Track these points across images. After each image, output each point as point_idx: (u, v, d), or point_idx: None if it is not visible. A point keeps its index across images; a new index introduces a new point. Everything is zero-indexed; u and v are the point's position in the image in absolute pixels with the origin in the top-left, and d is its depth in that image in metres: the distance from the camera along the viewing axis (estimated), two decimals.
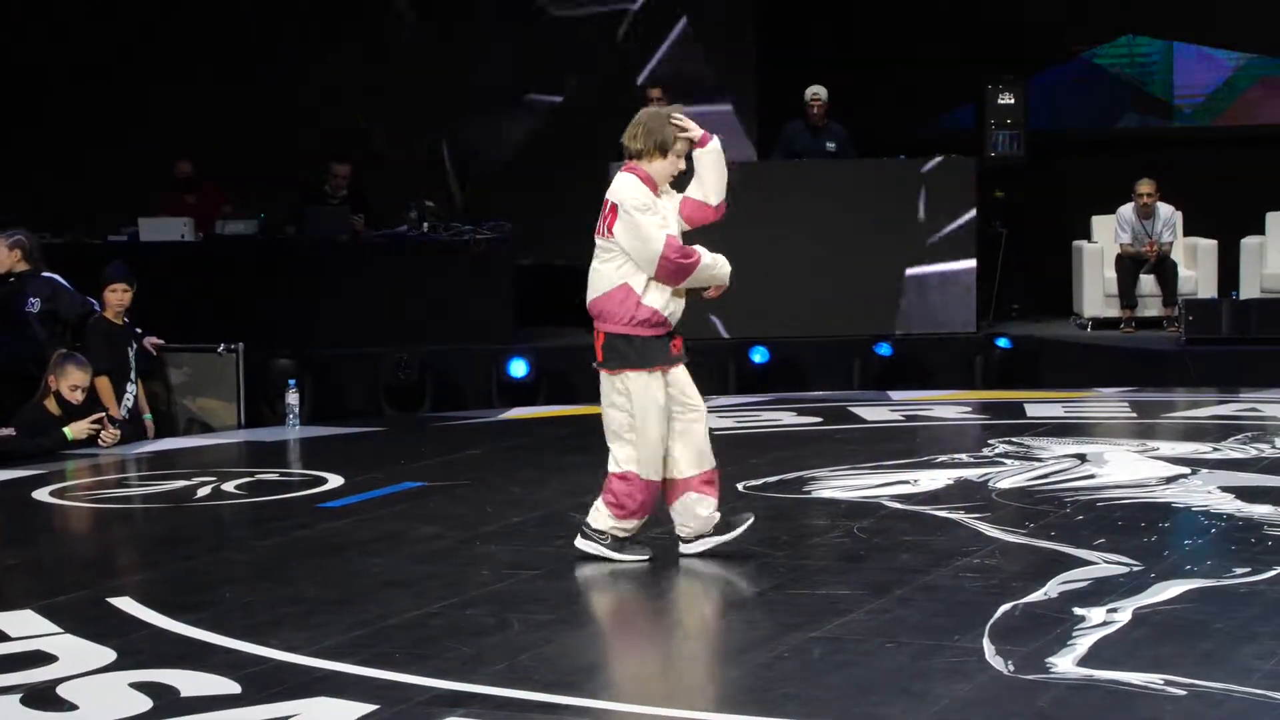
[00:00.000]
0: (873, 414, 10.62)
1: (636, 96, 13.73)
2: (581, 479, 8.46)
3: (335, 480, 8.60)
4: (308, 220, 13.14)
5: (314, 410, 11.62)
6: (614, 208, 6.40)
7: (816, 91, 13.58)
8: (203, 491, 8.43)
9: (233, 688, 4.99)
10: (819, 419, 10.45)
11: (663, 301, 6.42)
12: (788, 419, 10.51)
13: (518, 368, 12.25)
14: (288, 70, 14.70)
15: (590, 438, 10.29)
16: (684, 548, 6.58)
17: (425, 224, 13.22)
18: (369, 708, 4.78)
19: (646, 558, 6.53)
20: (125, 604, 6.02)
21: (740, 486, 8.02)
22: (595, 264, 6.47)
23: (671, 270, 6.35)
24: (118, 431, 9.83)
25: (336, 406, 12.16)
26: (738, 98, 15.11)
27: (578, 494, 7.99)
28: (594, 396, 6.62)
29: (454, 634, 5.55)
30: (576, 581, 6.29)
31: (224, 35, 14.82)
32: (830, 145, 13.67)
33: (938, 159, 13.39)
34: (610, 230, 6.39)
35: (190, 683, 5.05)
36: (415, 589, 6.20)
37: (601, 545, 6.54)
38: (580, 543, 6.58)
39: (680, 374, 6.52)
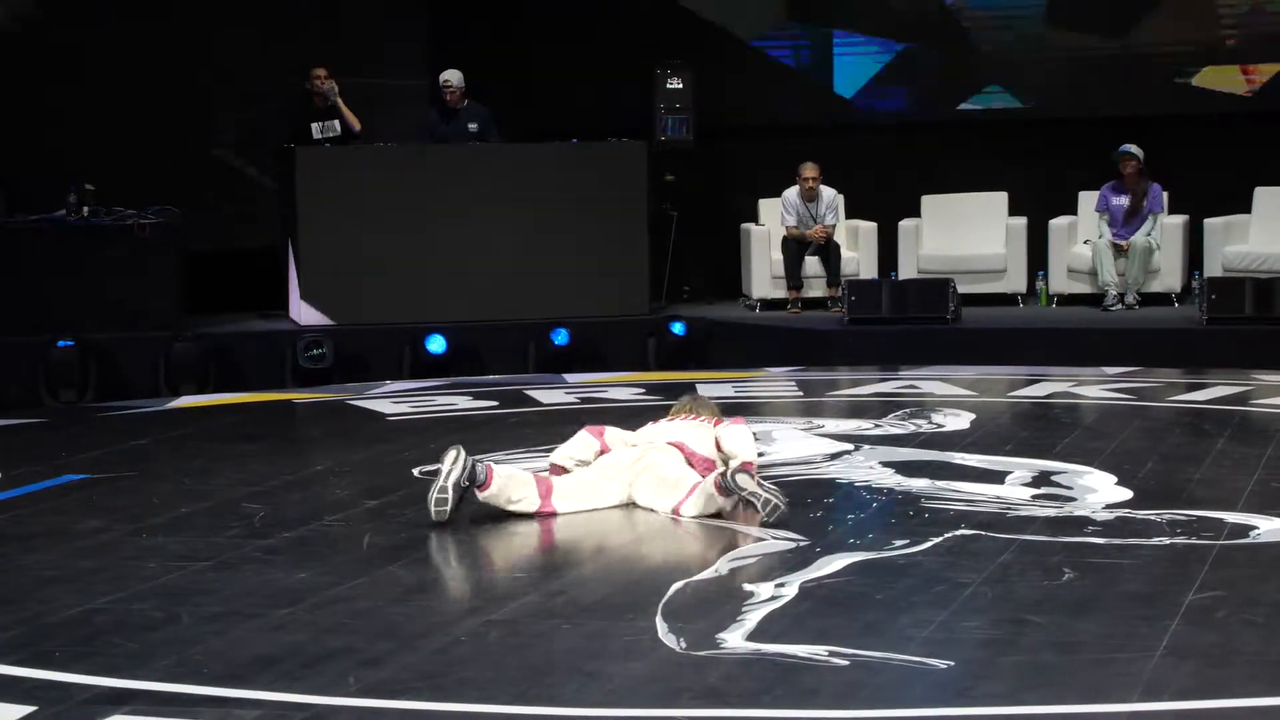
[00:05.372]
0: (548, 397, 10.68)
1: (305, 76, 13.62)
2: (254, 467, 8.32)
3: None
4: None
5: None
6: None
7: (447, 78, 13.62)
8: None
9: None
10: (495, 402, 10.46)
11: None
12: (463, 403, 10.49)
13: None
14: None
15: (262, 425, 10.18)
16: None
17: (85, 208, 12.81)
18: (25, 709, 4.59)
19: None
20: None
21: (416, 472, 7.98)
22: None
23: None
24: None
25: None
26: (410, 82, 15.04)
27: (250, 483, 7.86)
28: (266, 383, 6.52)
29: (119, 630, 5.39)
30: (247, 573, 6.17)
31: None
32: (471, 126, 13.67)
33: (609, 142, 13.54)
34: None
35: None
36: (78, 584, 5.99)
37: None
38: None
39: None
